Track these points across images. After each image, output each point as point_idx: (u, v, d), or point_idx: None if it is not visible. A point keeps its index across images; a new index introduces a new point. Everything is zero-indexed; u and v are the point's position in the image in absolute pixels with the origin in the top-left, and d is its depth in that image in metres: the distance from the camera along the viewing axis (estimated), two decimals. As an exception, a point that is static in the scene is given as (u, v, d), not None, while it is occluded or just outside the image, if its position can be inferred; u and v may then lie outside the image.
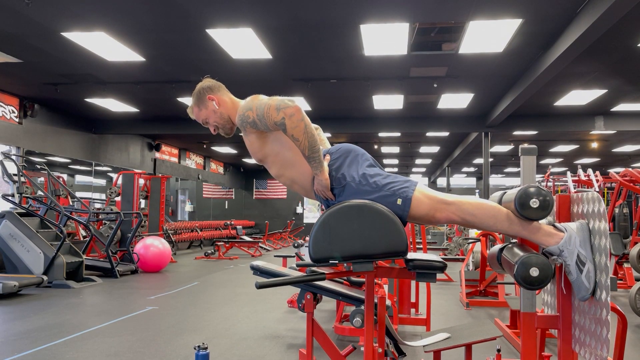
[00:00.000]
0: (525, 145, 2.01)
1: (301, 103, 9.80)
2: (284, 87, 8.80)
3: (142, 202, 11.07)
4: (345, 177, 1.92)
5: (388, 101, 9.58)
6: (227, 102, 2.10)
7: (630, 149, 14.78)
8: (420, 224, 2.18)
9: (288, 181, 2.07)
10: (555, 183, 12.23)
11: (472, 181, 25.27)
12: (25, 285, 6.14)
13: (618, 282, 6.86)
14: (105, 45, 6.58)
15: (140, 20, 5.79)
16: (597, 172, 8.67)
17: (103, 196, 12.28)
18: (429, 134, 13.00)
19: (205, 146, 15.75)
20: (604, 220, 1.62)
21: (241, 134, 2.09)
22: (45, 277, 6.50)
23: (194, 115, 2.16)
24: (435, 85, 8.12)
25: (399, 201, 1.83)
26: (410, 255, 2.04)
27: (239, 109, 2.01)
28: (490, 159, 14.02)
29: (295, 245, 6.92)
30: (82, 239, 9.84)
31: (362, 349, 2.24)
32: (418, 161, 19.14)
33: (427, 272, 1.93)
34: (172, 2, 5.29)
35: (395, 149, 15.95)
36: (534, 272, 1.65)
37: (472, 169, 21.30)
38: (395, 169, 21.35)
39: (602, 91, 8.57)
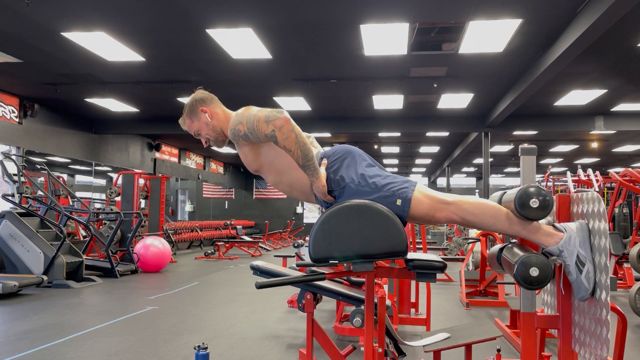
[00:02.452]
0: (525, 145, 2.01)
1: (301, 103, 9.80)
2: (284, 87, 8.80)
3: (142, 202, 11.07)
4: (344, 178, 1.92)
5: (388, 101, 9.58)
6: (220, 114, 2.10)
7: (630, 149, 14.78)
8: (420, 224, 2.18)
9: (287, 187, 2.06)
10: (555, 183, 12.23)
11: (472, 181, 25.27)
12: (25, 285, 6.14)
13: (618, 282, 6.86)
14: (105, 45, 6.58)
15: (140, 20, 5.80)
16: (597, 172, 8.67)
17: (103, 196, 12.27)
18: (429, 134, 13.01)
19: (205, 146, 15.74)
20: (603, 220, 1.62)
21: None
22: (45, 277, 6.49)
23: (185, 126, 2.16)
24: (435, 85, 8.12)
25: (399, 201, 1.83)
26: (410, 255, 2.04)
27: (230, 122, 2.00)
28: (490, 159, 14.05)
29: (295, 245, 6.92)
30: (82, 239, 9.84)
31: (362, 349, 2.24)
32: (418, 161, 19.15)
33: (427, 272, 1.93)
34: (172, 2, 5.29)
35: (395, 149, 15.96)
36: (534, 272, 1.65)
37: (472, 169, 21.30)
38: (395, 169, 21.35)
39: (602, 91, 8.57)
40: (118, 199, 10.47)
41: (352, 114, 10.99)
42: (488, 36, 6.09)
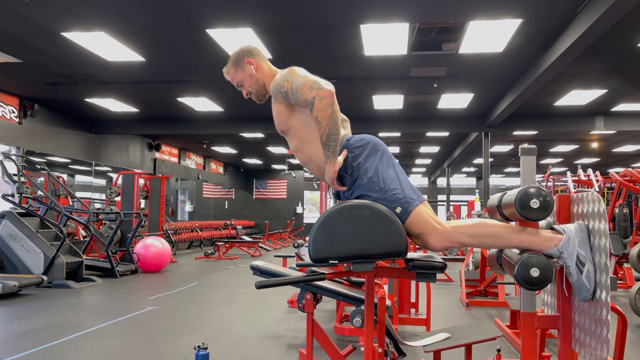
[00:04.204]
0: (525, 145, 2.01)
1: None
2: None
3: (142, 202, 11.07)
4: (360, 168, 1.91)
5: (388, 101, 9.58)
6: (265, 68, 2.11)
7: (630, 149, 14.78)
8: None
9: (305, 158, 2.05)
10: (555, 183, 12.23)
11: (472, 181, 25.26)
12: (25, 285, 6.14)
13: (618, 282, 6.86)
14: (105, 45, 6.58)
15: (140, 20, 5.80)
16: (597, 172, 8.67)
17: (103, 196, 12.27)
18: (429, 134, 13.01)
19: (205, 146, 15.75)
20: (603, 220, 1.62)
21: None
22: (45, 277, 6.49)
23: (229, 76, 2.16)
24: (435, 85, 8.12)
25: (399, 209, 1.82)
26: (410, 255, 2.04)
27: (276, 77, 2.02)
28: (490, 159, 14.04)
29: (295, 245, 6.91)
30: (82, 239, 9.84)
31: (362, 349, 2.24)
32: (418, 161, 19.14)
33: (427, 272, 1.92)
34: (172, 2, 5.29)
35: (395, 149, 15.95)
36: (535, 272, 1.65)
37: (472, 169, 21.30)
38: (395, 169, 21.32)
39: (602, 91, 8.57)
40: (118, 199, 10.47)
41: (352, 114, 10.98)
42: (488, 36, 6.09)
